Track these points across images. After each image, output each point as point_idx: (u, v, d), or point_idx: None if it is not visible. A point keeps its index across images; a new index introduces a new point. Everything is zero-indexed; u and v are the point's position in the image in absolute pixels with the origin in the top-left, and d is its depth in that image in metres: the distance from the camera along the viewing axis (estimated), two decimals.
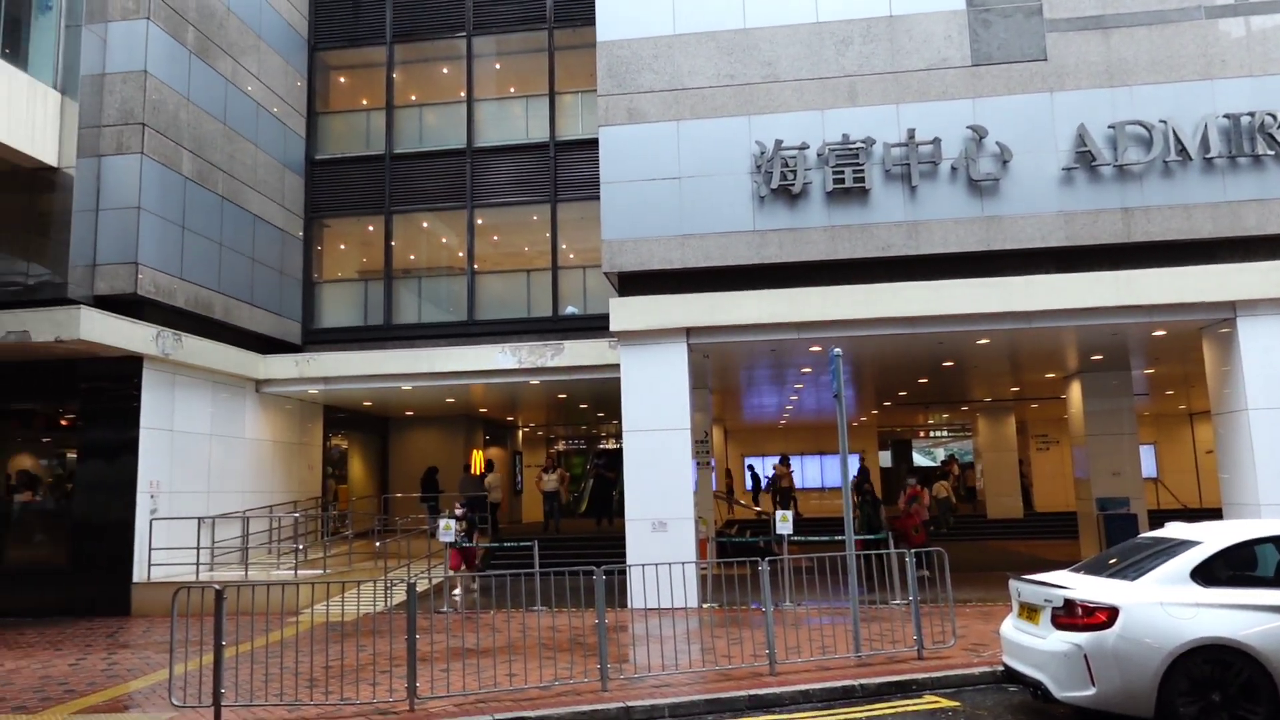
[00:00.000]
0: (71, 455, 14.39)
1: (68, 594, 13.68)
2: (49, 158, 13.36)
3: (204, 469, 15.44)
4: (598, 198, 14.34)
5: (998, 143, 13.00)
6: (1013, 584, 7.47)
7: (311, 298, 19.11)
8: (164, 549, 13.93)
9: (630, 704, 7.45)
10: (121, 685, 8.84)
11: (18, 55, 13.26)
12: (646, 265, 13.47)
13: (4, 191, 13.64)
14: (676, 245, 13.41)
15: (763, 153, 13.32)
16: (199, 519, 14.66)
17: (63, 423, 14.70)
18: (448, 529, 13.43)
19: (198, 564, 14.21)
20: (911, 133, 13.13)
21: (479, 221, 18.98)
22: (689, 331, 13.37)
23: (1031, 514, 25.37)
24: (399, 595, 13.31)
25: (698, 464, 14.55)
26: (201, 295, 15.54)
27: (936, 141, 13.08)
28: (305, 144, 19.31)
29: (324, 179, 19.39)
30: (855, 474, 26.50)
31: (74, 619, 13.29)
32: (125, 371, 13.95)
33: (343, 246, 20.27)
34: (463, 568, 14.00)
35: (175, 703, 7.74)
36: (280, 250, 18.14)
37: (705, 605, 12.48)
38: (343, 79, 20.46)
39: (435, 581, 14.03)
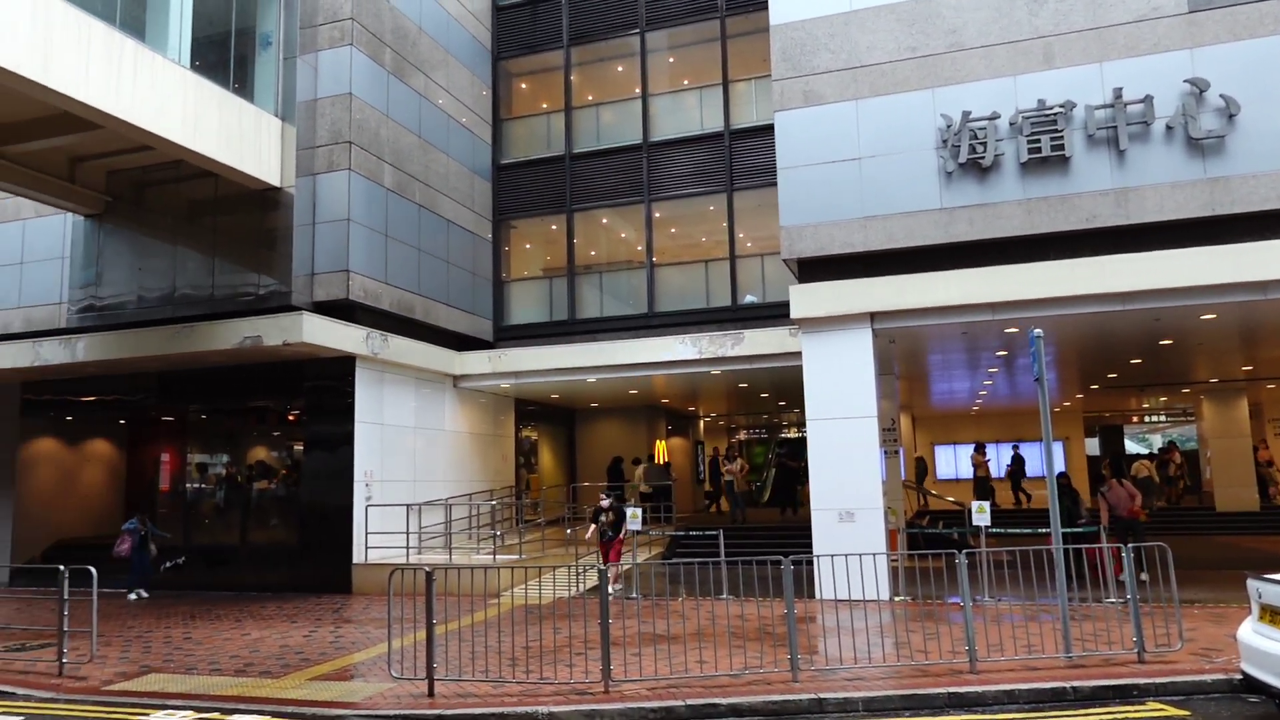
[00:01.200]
0: (298, 447, 15.84)
1: (298, 572, 15.05)
2: (273, 179, 14.80)
3: (410, 460, 16.53)
4: (774, 184, 14.17)
5: (1222, 95, 11.73)
6: (1251, 584, 6.74)
7: (501, 296, 20.04)
8: (378, 533, 15.00)
9: (822, 695, 7.35)
10: (347, 656, 9.68)
11: (245, 89, 14.75)
12: (826, 250, 13.18)
13: (236, 211, 15.25)
14: (858, 228, 13.03)
15: (949, 126, 12.69)
16: (407, 506, 15.61)
17: (290, 418, 16.16)
18: (634, 518, 13.74)
19: (407, 547, 15.15)
20: (1118, 92, 12.09)
21: (656, 215, 19.23)
22: (873, 316, 12.97)
23: (1270, 507, 22.78)
24: (590, 580, 13.76)
25: (885, 453, 14.11)
26: (403, 298, 16.64)
27: (1148, 100, 11.97)
28: (491, 150, 20.26)
29: (509, 182, 20.28)
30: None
31: (304, 594, 14.56)
32: (341, 370, 15.18)
33: (528, 246, 21.09)
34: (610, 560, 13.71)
35: (394, 674, 8.39)
36: (472, 252, 19.14)
37: (897, 598, 12.10)
38: (524, 85, 21.30)
39: (624, 568, 14.37)
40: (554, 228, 20.11)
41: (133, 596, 14.76)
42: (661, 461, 22.89)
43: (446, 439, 17.81)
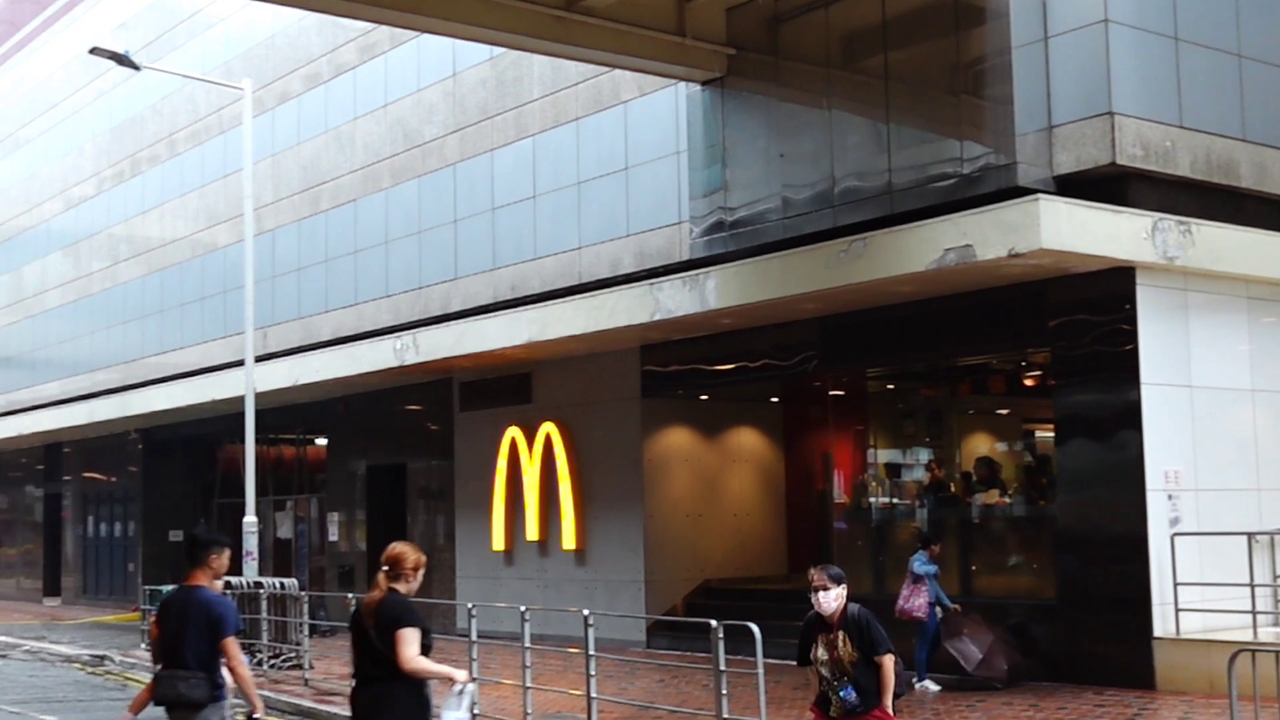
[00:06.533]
0: (1040, 433, 15.74)
1: (1056, 645, 14.42)
2: None
3: (1243, 448, 15.04)
4: None
5: None
6: None
7: None
8: (1194, 584, 13.61)
9: None
10: None
11: None
12: None
13: (916, 41, 15.34)
14: None
15: None
16: (1248, 536, 13.95)
17: (1026, 383, 15.95)
18: None
19: (1253, 611, 13.49)
20: None
21: None
22: None
23: None
24: None
25: None
26: (1214, 150, 14.83)
27: None
28: None
29: None
30: None
31: (1066, 684, 13.87)
32: (1107, 293, 14.08)
33: None
34: None
35: None
36: None
37: None
38: None
39: None
40: None
41: (921, 686, 14.16)
42: None
43: None
